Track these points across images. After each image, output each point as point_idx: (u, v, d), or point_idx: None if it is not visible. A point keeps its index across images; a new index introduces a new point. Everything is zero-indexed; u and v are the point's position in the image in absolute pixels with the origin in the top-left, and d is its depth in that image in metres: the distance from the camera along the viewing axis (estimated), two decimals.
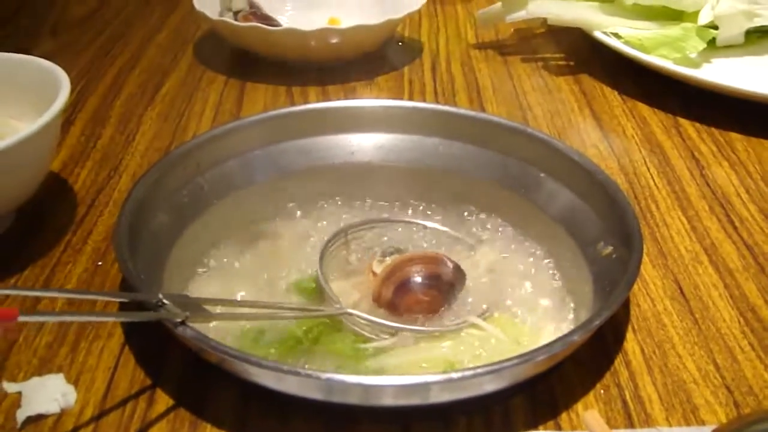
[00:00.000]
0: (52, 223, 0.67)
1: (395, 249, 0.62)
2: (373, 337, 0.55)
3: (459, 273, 0.58)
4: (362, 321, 0.55)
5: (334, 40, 0.90)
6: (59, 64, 0.68)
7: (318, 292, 0.58)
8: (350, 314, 0.55)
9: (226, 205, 0.65)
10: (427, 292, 0.56)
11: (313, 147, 0.69)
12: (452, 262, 0.59)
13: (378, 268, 0.58)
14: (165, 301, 0.47)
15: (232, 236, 0.64)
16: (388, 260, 0.59)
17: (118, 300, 0.57)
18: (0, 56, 0.70)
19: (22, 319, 0.40)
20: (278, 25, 0.95)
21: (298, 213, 0.67)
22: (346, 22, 1.00)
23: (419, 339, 0.54)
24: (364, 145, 0.70)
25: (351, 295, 0.57)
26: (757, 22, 0.95)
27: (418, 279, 0.57)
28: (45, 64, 0.69)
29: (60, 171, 0.74)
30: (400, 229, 0.65)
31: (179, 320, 0.47)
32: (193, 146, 0.65)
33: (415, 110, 0.71)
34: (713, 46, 0.94)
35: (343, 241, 0.62)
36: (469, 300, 0.58)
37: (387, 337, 0.54)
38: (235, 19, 0.94)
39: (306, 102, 0.87)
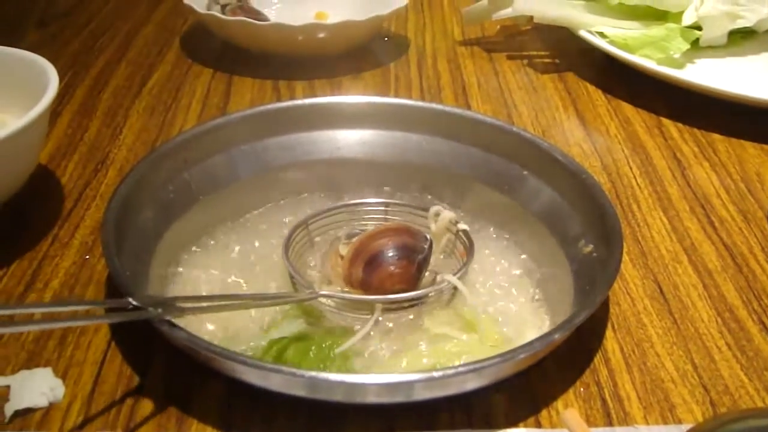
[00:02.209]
0: (39, 216, 0.67)
1: (360, 230, 0.61)
2: (352, 315, 0.55)
3: (426, 240, 0.58)
4: (337, 302, 0.55)
5: (322, 35, 0.91)
6: (45, 56, 0.69)
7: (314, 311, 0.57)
8: (323, 296, 0.55)
9: (211, 202, 0.65)
10: (397, 264, 0.56)
11: (297, 143, 0.70)
12: (417, 228, 0.59)
13: (344, 251, 0.58)
14: (135, 303, 0.48)
15: (217, 233, 0.64)
16: (354, 241, 0.58)
17: (89, 306, 0.57)
18: None
19: None
20: (266, 19, 0.95)
21: (283, 208, 0.67)
22: (333, 16, 1.01)
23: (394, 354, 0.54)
24: (350, 140, 0.71)
25: (322, 283, 0.58)
26: (740, 24, 0.96)
27: (386, 252, 0.57)
28: (32, 56, 0.69)
29: (47, 163, 0.74)
30: (365, 210, 0.65)
31: (153, 317, 0.48)
32: (179, 142, 0.65)
33: (399, 107, 0.72)
34: (696, 47, 0.95)
35: (305, 232, 0.62)
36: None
37: (366, 315, 0.55)
38: (223, 13, 0.94)
39: (293, 96, 0.88)
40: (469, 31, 1.06)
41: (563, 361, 0.54)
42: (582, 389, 0.53)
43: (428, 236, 0.59)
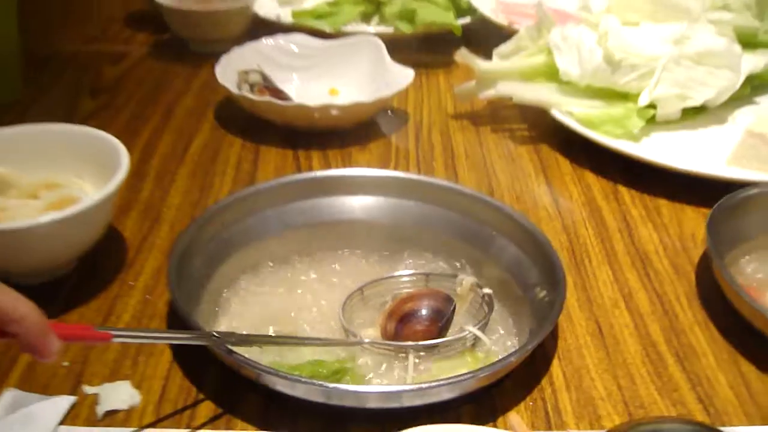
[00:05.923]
0: (108, 264, 0.84)
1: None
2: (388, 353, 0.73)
3: (448, 302, 0.75)
4: (376, 348, 0.72)
5: (335, 113, 1.08)
6: (101, 124, 0.87)
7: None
8: (366, 343, 0.73)
9: (244, 255, 0.82)
10: (424, 323, 0.74)
11: (311, 208, 0.87)
12: (441, 294, 0.76)
13: None
14: (216, 335, 0.65)
15: (250, 280, 0.81)
16: (392, 302, 0.77)
17: (183, 336, 0.69)
18: (69, 128, 0.88)
19: (116, 340, 0.58)
20: (287, 97, 1.13)
21: (297, 262, 0.84)
22: (343, 91, 1.19)
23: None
24: (354, 205, 0.88)
25: (367, 332, 0.75)
26: (690, 103, 1.11)
27: (417, 313, 0.74)
28: (105, 136, 0.85)
29: (111, 220, 0.91)
30: (410, 280, 0.81)
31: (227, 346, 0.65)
32: (218, 209, 0.83)
33: (395, 179, 0.90)
34: (654, 121, 1.11)
35: (359, 296, 0.79)
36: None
37: (400, 355, 0.72)
38: (251, 91, 1.12)
39: (309, 164, 1.04)
40: (460, 106, 1.23)
41: (519, 381, 0.71)
42: (531, 403, 0.69)
43: (453, 301, 0.76)
